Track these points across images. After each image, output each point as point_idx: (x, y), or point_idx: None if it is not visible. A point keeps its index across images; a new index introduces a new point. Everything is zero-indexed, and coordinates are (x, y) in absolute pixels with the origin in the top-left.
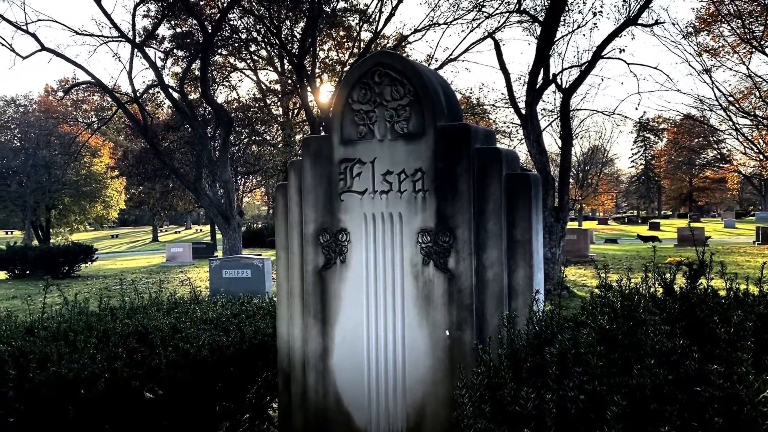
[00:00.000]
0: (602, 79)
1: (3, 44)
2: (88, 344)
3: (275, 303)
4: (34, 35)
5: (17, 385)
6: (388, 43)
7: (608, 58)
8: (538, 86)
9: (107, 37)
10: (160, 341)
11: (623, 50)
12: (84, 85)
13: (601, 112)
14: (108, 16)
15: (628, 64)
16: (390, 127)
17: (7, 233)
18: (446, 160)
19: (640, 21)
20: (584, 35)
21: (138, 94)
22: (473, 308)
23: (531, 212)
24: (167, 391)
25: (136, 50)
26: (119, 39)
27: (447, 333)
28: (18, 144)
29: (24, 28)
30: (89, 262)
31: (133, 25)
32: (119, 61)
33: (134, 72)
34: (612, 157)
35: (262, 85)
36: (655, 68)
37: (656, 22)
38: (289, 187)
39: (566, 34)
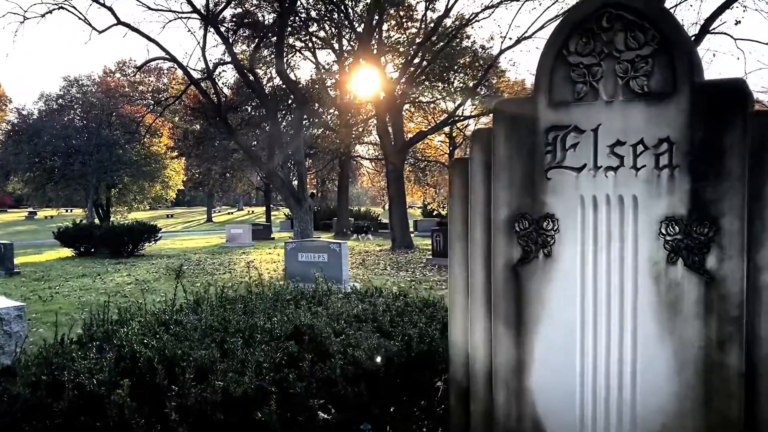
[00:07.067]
0: (714, 54)
1: (80, 17)
2: (247, 349)
3: (426, 299)
4: (110, 9)
5: (177, 402)
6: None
7: (717, 33)
8: None
9: (180, 12)
10: (336, 348)
11: (739, 22)
12: (154, 62)
13: None
14: None
15: (735, 39)
16: (623, 85)
17: (67, 211)
18: (708, 127)
19: None
20: (691, 6)
21: (208, 72)
22: (742, 322)
23: None
24: (340, 409)
25: (209, 26)
26: (191, 15)
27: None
28: (80, 124)
29: (101, 1)
30: (153, 242)
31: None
32: (193, 36)
33: (200, 50)
34: None
35: (321, 67)
36: (767, 44)
37: None
38: (471, 162)
39: (671, 7)
